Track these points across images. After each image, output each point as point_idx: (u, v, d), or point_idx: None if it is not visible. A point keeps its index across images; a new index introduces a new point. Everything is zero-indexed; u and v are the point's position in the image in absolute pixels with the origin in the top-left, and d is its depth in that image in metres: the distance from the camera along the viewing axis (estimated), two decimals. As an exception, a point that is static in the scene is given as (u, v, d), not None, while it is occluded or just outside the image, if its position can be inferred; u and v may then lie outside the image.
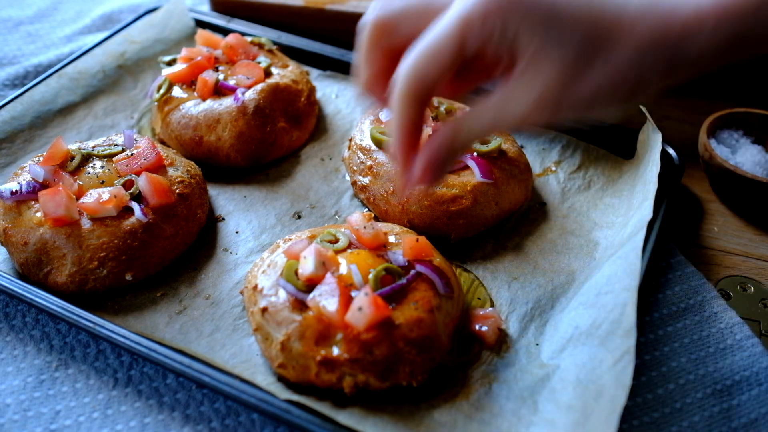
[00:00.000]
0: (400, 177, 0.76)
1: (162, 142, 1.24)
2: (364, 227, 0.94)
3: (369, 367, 0.83)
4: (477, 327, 0.93)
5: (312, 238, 0.95)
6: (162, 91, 1.24)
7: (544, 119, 0.70)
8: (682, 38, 0.67)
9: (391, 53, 0.76)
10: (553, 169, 1.21)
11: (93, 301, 0.98)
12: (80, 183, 1.03)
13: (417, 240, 0.94)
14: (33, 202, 1.01)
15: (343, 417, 0.82)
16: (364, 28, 0.75)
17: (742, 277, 1.07)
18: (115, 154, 1.08)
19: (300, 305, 0.87)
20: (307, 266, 0.88)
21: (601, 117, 0.73)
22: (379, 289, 0.87)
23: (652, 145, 1.10)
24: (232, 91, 1.21)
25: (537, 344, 0.93)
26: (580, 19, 0.67)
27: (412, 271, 0.91)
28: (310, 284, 0.87)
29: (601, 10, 0.68)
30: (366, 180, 1.11)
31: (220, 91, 1.22)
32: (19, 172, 1.07)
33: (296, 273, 0.89)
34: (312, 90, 1.30)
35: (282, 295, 0.89)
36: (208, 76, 1.22)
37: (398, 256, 0.92)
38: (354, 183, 1.15)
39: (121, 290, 1.00)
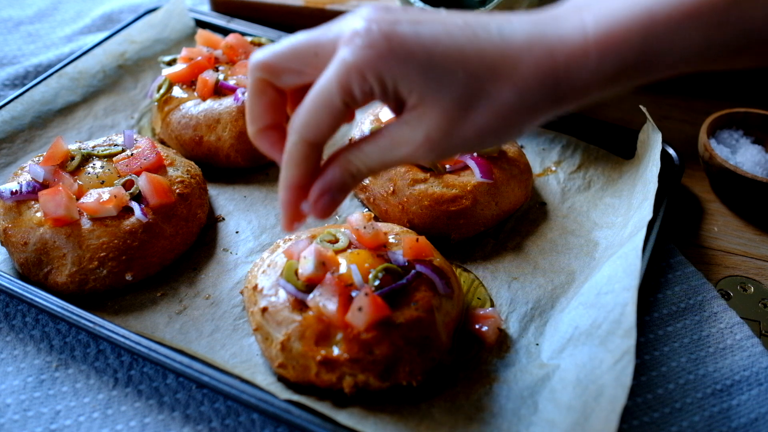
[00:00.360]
0: (285, 213, 0.76)
1: (162, 142, 1.24)
2: (364, 227, 0.94)
3: (369, 366, 0.83)
4: (477, 327, 0.93)
5: (312, 238, 0.95)
6: (162, 91, 1.24)
7: (431, 159, 0.70)
8: (567, 71, 0.65)
9: (276, 102, 0.75)
10: (553, 169, 1.21)
11: (93, 301, 0.98)
12: (80, 183, 1.03)
13: (417, 240, 0.94)
14: (33, 202, 1.01)
15: (343, 417, 0.82)
16: (249, 72, 0.74)
17: (742, 277, 1.07)
18: (115, 154, 1.08)
19: (300, 305, 0.87)
20: (307, 266, 0.88)
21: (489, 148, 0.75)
22: (379, 289, 0.87)
23: (652, 145, 1.10)
24: (232, 91, 1.21)
25: (537, 344, 0.93)
26: (460, 60, 0.65)
27: (412, 271, 0.91)
28: (310, 284, 0.87)
29: (481, 49, 0.66)
30: (366, 180, 1.11)
31: (220, 91, 1.22)
32: (19, 172, 1.07)
33: (296, 273, 0.89)
34: (312, 90, 1.30)
35: (282, 295, 0.89)
36: (208, 76, 1.22)
37: (398, 256, 0.92)
38: (354, 183, 1.15)
39: (121, 290, 1.00)
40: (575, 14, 0.67)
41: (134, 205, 1.01)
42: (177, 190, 1.06)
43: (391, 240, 0.97)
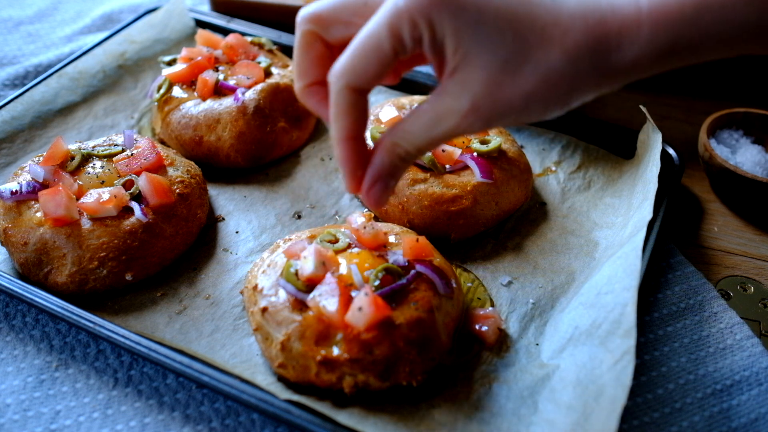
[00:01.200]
0: (345, 171, 0.73)
1: (162, 142, 1.24)
2: (364, 227, 0.94)
3: (369, 366, 0.83)
4: (477, 327, 0.93)
5: (312, 238, 0.95)
6: (162, 91, 1.24)
7: (477, 128, 0.68)
8: (619, 42, 0.65)
9: (324, 56, 0.73)
10: (553, 169, 1.21)
11: (93, 301, 0.98)
12: (80, 183, 1.03)
13: (417, 240, 0.94)
14: (33, 202, 1.01)
15: (343, 417, 0.82)
16: (297, 26, 0.72)
17: (742, 277, 1.07)
18: (115, 154, 1.08)
19: (300, 305, 0.87)
20: (307, 266, 0.88)
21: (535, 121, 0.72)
22: (379, 289, 0.87)
23: (652, 145, 1.10)
24: (232, 91, 1.21)
25: (537, 344, 0.93)
26: (511, 20, 0.65)
27: (412, 271, 0.90)
28: (310, 284, 0.87)
29: (533, 12, 0.65)
30: (366, 180, 1.11)
31: (220, 91, 1.22)
32: (19, 172, 1.07)
33: (296, 273, 0.89)
34: (312, 90, 1.30)
35: (282, 295, 0.89)
36: (208, 76, 1.22)
37: (398, 256, 0.92)
38: (354, 183, 1.15)
39: (121, 290, 1.00)
40: None
41: (134, 205, 1.01)
42: (177, 190, 1.06)
43: (391, 240, 0.97)
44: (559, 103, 0.68)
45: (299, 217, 1.14)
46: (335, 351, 0.83)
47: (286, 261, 0.91)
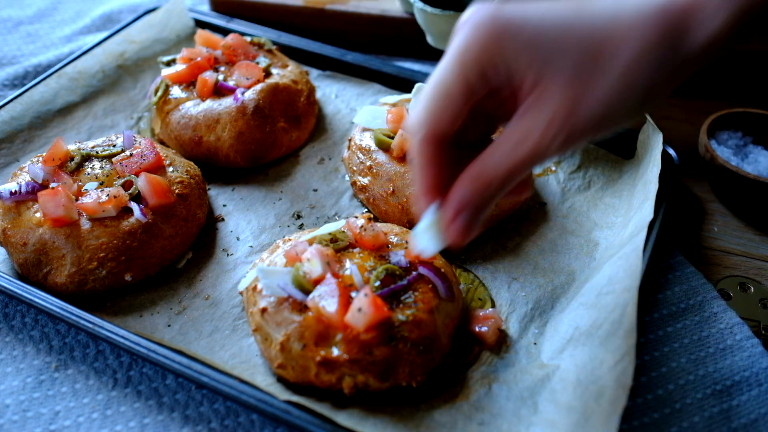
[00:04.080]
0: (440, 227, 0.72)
1: (161, 143, 1.24)
2: (364, 229, 0.94)
3: (369, 367, 0.83)
4: (477, 328, 0.93)
5: (310, 242, 0.94)
6: (159, 93, 1.24)
7: (563, 147, 0.65)
8: (689, 24, 0.63)
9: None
10: (553, 169, 1.21)
11: (92, 301, 0.98)
12: (79, 183, 1.03)
13: None
14: (32, 203, 1.01)
15: (343, 418, 0.82)
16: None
17: (742, 277, 1.07)
18: (115, 155, 1.08)
19: (299, 306, 0.87)
20: (315, 269, 0.87)
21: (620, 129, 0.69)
22: (379, 290, 0.86)
23: (653, 145, 1.10)
24: (231, 91, 1.21)
25: (537, 345, 0.93)
26: (570, 32, 0.64)
27: (414, 273, 0.90)
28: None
29: (590, 18, 0.64)
30: (366, 180, 1.11)
31: (219, 91, 1.22)
32: (19, 172, 1.07)
33: (305, 276, 0.88)
34: (312, 90, 1.30)
35: (282, 295, 0.89)
36: (208, 77, 1.22)
37: (400, 257, 0.92)
38: (353, 183, 1.15)
39: (120, 291, 1.00)
40: None
41: (133, 205, 1.01)
42: (176, 191, 1.05)
43: (392, 240, 0.97)
44: (642, 103, 0.66)
45: (299, 217, 1.14)
46: (335, 352, 0.83)
47: (294, 266, 0.90)
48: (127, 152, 1.08)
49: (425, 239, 0.76)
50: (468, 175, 0.69)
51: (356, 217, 0.98)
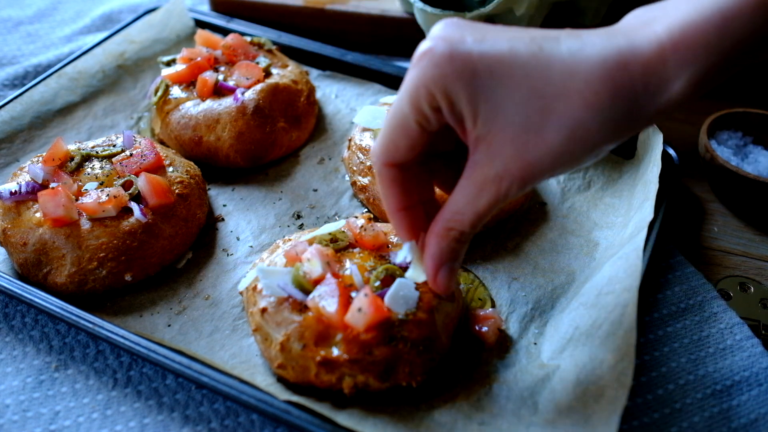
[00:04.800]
0: (401, 238, 0.80)
1: (161, 143, 1.24)
2: (365, 230, 0.94)
3: (369, 367, 0.83)
4: (477, 328, 0.93)
5: (311, 242, 0.95)
6: (159, 93, 1.24)
7: (515, 191, 0.67)
8: (645, 83, 0.62)
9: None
10: (553, 169, 1.21)
11: (92, 301, 0.98)
12: (79, 183, 1.03)
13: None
14: (32, 203, 1.01)
15: (343, 418, 0.82)
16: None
17: (742, 277, 1.07)
18: (115, 155, 1.08)
19: (299, 306, 0.87)
20: (315, 269, 0.87)
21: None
22: (379, 290, 0.86)
23: (653, 145, 1.10)
24: (231, 91, 1.21)
25: (537, 345, 0.93)
26: (526, 78, 0.63)
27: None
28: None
29: (547, 66, 0.63)
30: (365, 180, 1.11)
31: (219, 91, 1.22)
32: (19, 172, 1.07)
33: (304, 275, 0.88)
34: (312, 90, 1.30)
35: (282, 295, 0.89)
36: (208, 77, 1.22)
37: (400, 258, 0.92)
38: (354, 183, 1.15)
39: (120, 291, 1.00)
40: (645, 27, 0.64)
41: (133, 205, 1.01)
42: (176, 191, 1.05)
43: (393, 240, 0.97)
44: (591, 154, 0.66)
45: (299, 217, 1.14)
46: (335, 351, 0.83)
47: (294, 266, 0.90)
48: (127, 152, 1.08)
49: (416, 274, 0.84)
50: (437, 230, 0.73)
51: (356, 217, 0.98)
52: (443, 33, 0.66)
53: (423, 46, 0.67)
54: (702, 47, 0.62)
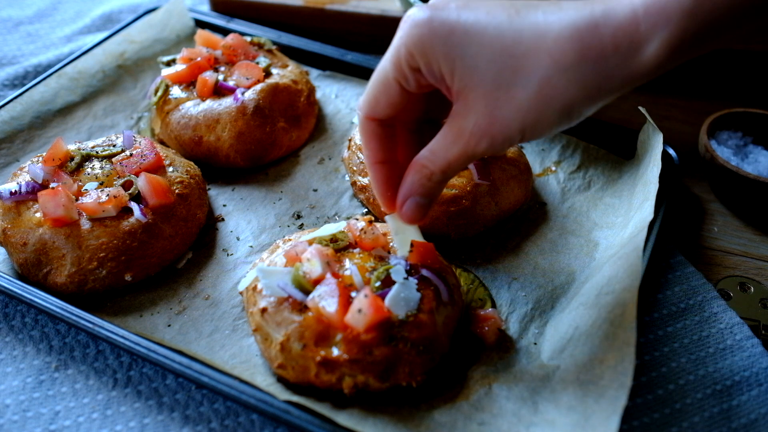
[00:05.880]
0: (377, 192, 0.84)
1: (161, 143, 1.24)
2: (365, 232, 0.94)
3: (368, 367, 0.83)
4: (477, 328, 0.93)
5: (311, 242, 0.94)
6: (159, 93, 1.24)
7: (487, 149, 0.71)
8: (616, 45, 0.63)
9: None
10: (553, 169, 1.21)
11: (92, 301, 0.98)
12: (79, 183, 1.03)
13: (425, 244, 0.93)
14: (32, 203, 1.01)
15: (343, 418, 0.82)
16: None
17: (742, 277, 1.07)
18: (115, 155, 1.08)
19: (300, 306, 0.87)
20: (314, 269, 0.87)
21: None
22: (379, 290, 0.86)
23: (653, 145, 1.10)
24: (231, 91, 1.21)
25: (537, 345, 0.93)
26: (497, 40, 0.66)
27: (416, 275, 0.90)
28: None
29: (520, 28, 0.66)
30: (366, 180, 1.11)
31: (219, 91, 1.22)
32: (19, 172, 1.07)
33: (304, 275, 0.88)
34: (312, 90, 1.30)
35: (282, 295, 0.89)
36: (208, 77, 1.22)
37: (400, 259, 0.92)
38: (354, 183, 1.15)
39: (120, 291, 1.00)
40: None
41: (133, 205, 1.01)
42: (176, 191, 1.05)
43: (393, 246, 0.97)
44: (561, 117, 0.68)
45: (299, 217, 1.14)
46: (335, 352, 0.83)
47: (294, 266, 0.90)
48: (127, 152, 1.08)
49: (397, 243, 0.90)
50: (412, 167, 0.77)
51: (357, 220, 0.98)
52: (430, 2, 0.71)
53: (408, 12, 0.71)
54: (677, 12, 0.63)
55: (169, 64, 1.30)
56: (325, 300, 0.84)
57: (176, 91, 1.24)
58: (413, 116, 0.82)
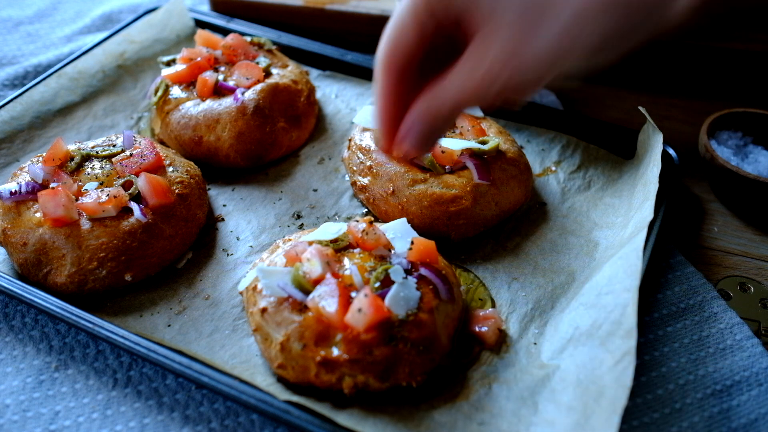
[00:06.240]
0: (380, 125, 0.79)
1: (161, 143, 1.24)
2: (366, 234, 0.94)
3: (368, 367, 0.83)
4: (477, 328, 0.93)
5: (311, 242, 0.94)
6: (159, 93, 1.24)
7: (507, 86, 0.69)
8: None
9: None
10: (553, 169, 1.21)
11: (92, 301, 0.98)
12: (79, 183, 1.03)
13: (425, 243, 0.93)
14: (32, 203, 1.01)
15: (343, 418, 0.82)
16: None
17: (742, 277, 1.07)
18: (115, 155, 1.08)
19: (300, 306, 0.87)
20: (314, 269, 0.87)
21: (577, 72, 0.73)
22: (379, 290, 0.86)
23: (653, 145, 1.10)
24: (231, 91, 1.21)
25: (537, 345, 0.93)
26: None
27: (415, 274, 0.90)
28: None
29: None
30: (365, 180, 1.11)
31: (219, 91, 1.22)
32: (19, 172, 1.07)
33: (304, 275, 0.88)
34: (312, 90, 1.30)
35: (282, 295, 0.89)
36: (208, 77, 1.22)
37: (401, 258, 0.92)
38: (354, 183, 1.15)
39: (120, 291, 1.00)
40: None
41: (133, 205, 1.01)
42: (176, 191, 1.05)
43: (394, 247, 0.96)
44: (585, 57, 0.68)
45: (299, 217, 1.14)
46: (335, 352, 0.83)
47: (294, 266, 0.90)
48: (127, 152, 1.08)
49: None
50: (423, 98, 0.75)
51: (357, 221, 0.98)
52: None
53: None
54: None
55: (169, 64, 1.30)
56: (325, 300, 0.84)
57: (176, 91, 1.24)
58: (422, 55, 0.78)
